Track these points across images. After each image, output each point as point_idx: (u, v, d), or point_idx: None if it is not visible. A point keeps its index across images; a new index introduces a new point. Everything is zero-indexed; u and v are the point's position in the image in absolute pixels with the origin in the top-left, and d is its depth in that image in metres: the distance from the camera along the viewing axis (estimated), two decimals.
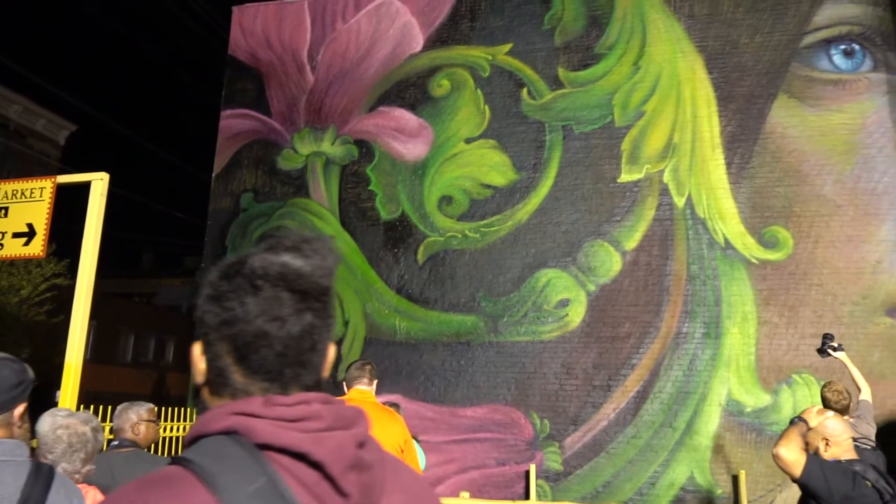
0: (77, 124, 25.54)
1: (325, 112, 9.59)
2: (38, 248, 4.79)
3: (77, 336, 4.47)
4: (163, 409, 7.89)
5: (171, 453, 7.43)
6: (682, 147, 8.14)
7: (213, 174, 9.95)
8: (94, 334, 22.08)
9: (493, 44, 9.10)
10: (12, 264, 17.72)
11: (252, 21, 10.37)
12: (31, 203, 4.87)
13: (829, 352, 5.07)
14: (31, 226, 4.81)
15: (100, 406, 7.43)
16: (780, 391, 7.29)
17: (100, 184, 4.78)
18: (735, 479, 7.13)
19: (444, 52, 9.29)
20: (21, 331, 17.93)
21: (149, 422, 3.43)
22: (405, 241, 8.83)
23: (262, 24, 10.28)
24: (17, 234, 4.82)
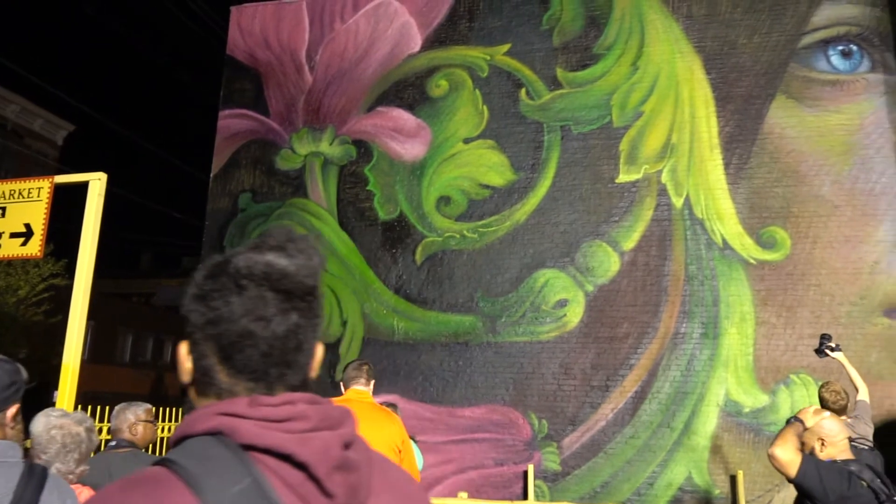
0: (75, 124, 25.52)
1: (324, 112, 9.59)
2: (35, 248, 4.78)
3: (75, 336, 4.47)
4: (161, 409, 7.88)
5: None
6: (680, 147, 8.14)
7: (212, 174, 9.94)
8: (92, 334, 22.06)
9: (492, 44, 9.10)
10: (10, 264, 17.71)
11: (250, 21, 10.36)
12: (28, 203, 4.86)
13: (827, 352, 5.08)
14: (28, 226, 4.81)
15: (98, 406, 7.42)
16: (778, 391, 7.29)
17: (97, 184, 4.77)
18: (733, 480, 7.13)
19: (443, 52, 9.29)
20: (19, 331, 17.92)
21: (146, 422, 3.43)
22: (403, 241, 8.82)
23: (261, 24, 10.28)
24: (14, 234, 4.82)
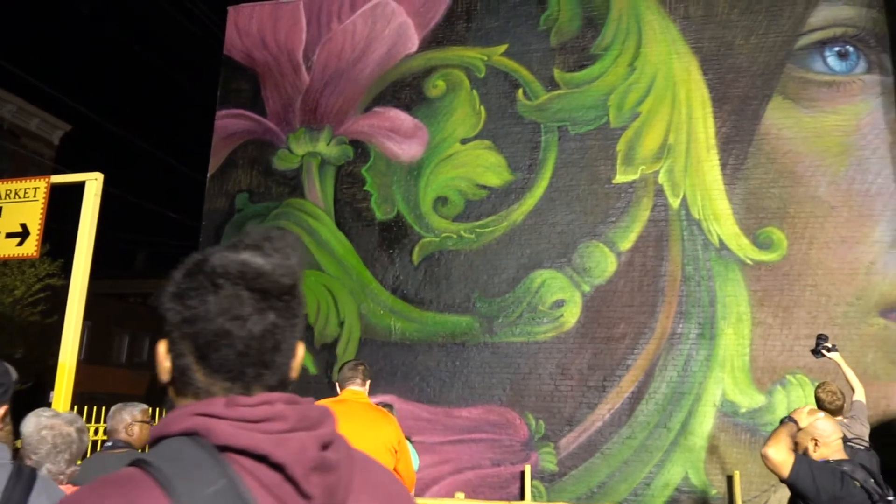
0: (71, 124, 25.45)
1: (321, 112, 9.58)
2: (31, 248, 4.77)
3: (71, 336, 4.46)
4: (157, 410, 7.87)
5: None
6: (677, 148, 8.15)
7: (208, 174, 9.93)
8: (89, 335, 22.02)
9: (489, 44, 9.10)
10: (6, 264, 17.66)
11: (247, 21, 10.35)
12: (24, 203, 4.85)
13: (824, 352, 5.09)
14: (24, 226, 4.80)
15: (94, 407, 7.41)
16: (775, 392, 7.30)
17: (94, 184, 4.77)
18: (729, 480, 7.14)
19: (440, 52, 9.29)
20: (15, 331, 17.88)
21: (143, 423, 3.43)
22: (400, 241, 8.82)
23: (258, 24, 10.27)
24: (10, 234, 4.81)
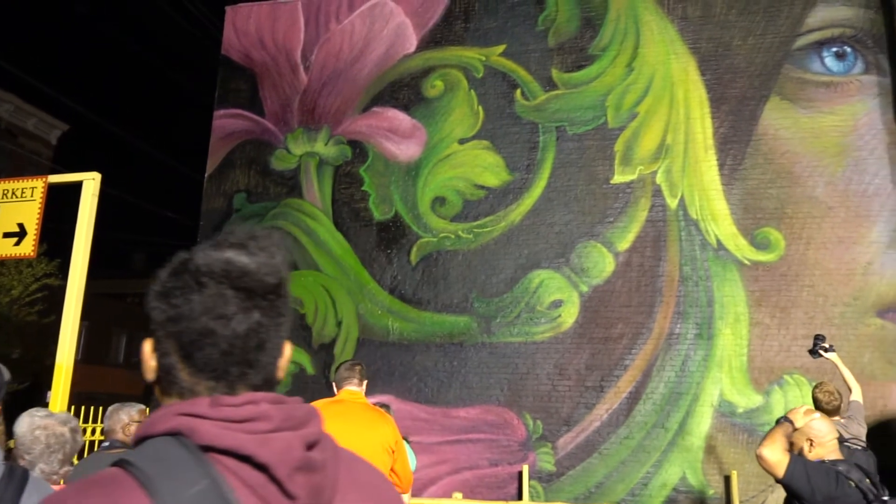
0: (69, 124, 25.41)
1: (319, 112, 9.58)
2: (28, 247, 4.77)
3: (68, 336, 4.46)
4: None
5: None
6: (674, 148, 8.16)
7: (206, 174, 9.92)
8: (86, 335, 21.98)
9: (487, 45, 9.10)
10: (3, 264, 17.64)
11: (245, 21, 10.34)
12: (22, 203, 4.84)
13: (821, 353, 5.09)
14: (21, 225, 4.79)
15: (91, 407, 7.40)
16: (772, 392, 7.31)
17: (91, 183, 4.76)
18: (727, 480, 7.15)
19: (438, 52, 9.29)
20: (12, 331, 17.85)
21: (140, 423, 3.41)
22: (398, 241, 8.82)
23: (256, 24, 10.26)
24: (7, 234, 4.80)
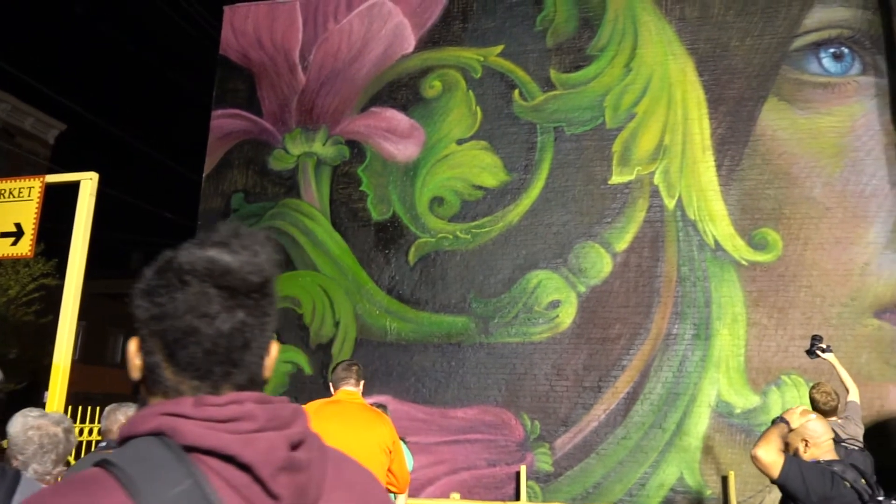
0: (66, 123, 25.38)
1: (317, 112, 9.57)
2: (26, 247, 4.76)
3: (65, 336, 4.45)
4: None
5: None
6: (672, 149, 8.17)
7: (204, 174, 9.91)
8: (84, 335, 21.96)
9: (485, 45, 9.10)
10: (0, 264, 17.61)
11: (243, 21, 10.33)
12: (19, 202, 4.84)
13: (818, 353, 5.09)
14: (18, 225, 4.78)
15: (88, 407, 7.39)
16: (769, 392, 7.32)
17: (89, 183, 4.75)
18: (724, 480, 7.16)
19: (436, 53, 9.29)
20: (9, 331, 17.82)
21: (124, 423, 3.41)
22: (396, 241, 8.82)
23: (254, 24, 10.25)
24: (4, 234, 4.79)
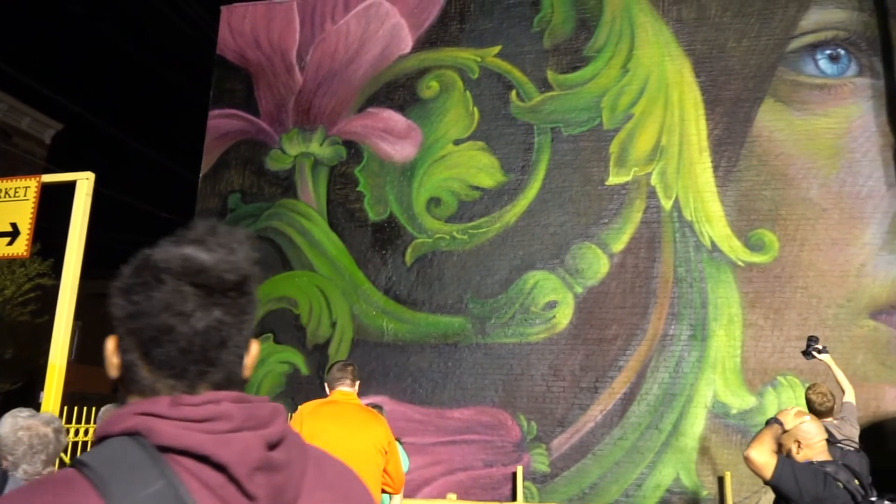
0: (63, 123, 25.32)
1: (314, 113, 9.57)
2: (22, 247, 4.75)
3: (61, 336, 4.44)
4: None
5: None
6: (669, 150, 8.18)
7: (201, 174, 9.90)
8: (80, 335, 21.90)
9: (482, 46, 9.10)
10: None
11: (241, 21, 10.32)
12: (15, 202, 4.83)
13: (814, 354, 5.10)
14: (14, 225, 4.77)
15: (84, 407, 7.37)
16: (766, 393, 7.33)
17: (85, 183, 4.75)
18: (720, 481, 7.17)
19: (434, 53, 9.29)
20: (5, 331, 17.77)
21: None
22: (393, 242, 8.81)
23: (251, 25, 10.24)
24: (0, 234, 4.78)
